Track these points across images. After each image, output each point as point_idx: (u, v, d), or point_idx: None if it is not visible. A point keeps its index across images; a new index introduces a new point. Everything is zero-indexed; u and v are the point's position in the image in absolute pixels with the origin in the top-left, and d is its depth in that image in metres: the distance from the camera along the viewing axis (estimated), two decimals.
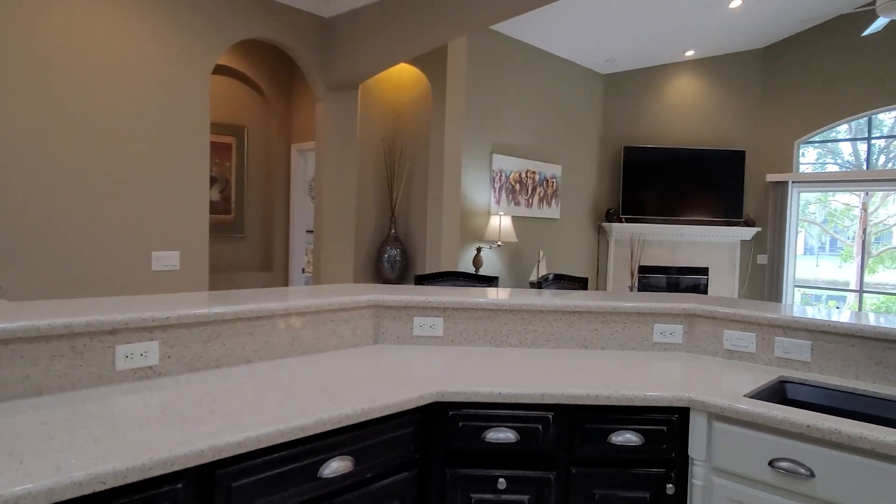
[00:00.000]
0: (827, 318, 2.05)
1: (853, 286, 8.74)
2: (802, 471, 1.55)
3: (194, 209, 3.74)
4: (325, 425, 1.45)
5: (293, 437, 1.38)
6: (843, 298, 8.35)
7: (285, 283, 5.49)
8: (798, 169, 7.11)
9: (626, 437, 1.76)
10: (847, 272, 8.41)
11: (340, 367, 1.94)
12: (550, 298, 2.38)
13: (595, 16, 5.59)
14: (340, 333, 2.20)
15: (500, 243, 5.58)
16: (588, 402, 1.75)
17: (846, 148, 7.26)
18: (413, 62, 4.64)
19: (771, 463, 1.60)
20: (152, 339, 1.71)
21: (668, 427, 1.77)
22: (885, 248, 8.13)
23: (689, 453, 1.77)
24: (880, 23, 4.55)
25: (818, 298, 8.24)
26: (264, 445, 1.33)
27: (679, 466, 1.78)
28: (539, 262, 6.07)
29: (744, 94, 7.25)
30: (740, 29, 6.50)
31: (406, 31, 3.91)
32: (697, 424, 1.75)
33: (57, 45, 3.16)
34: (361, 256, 4.72)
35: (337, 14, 4.39)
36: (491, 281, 3.04)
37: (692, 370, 2.06)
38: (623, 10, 5.54)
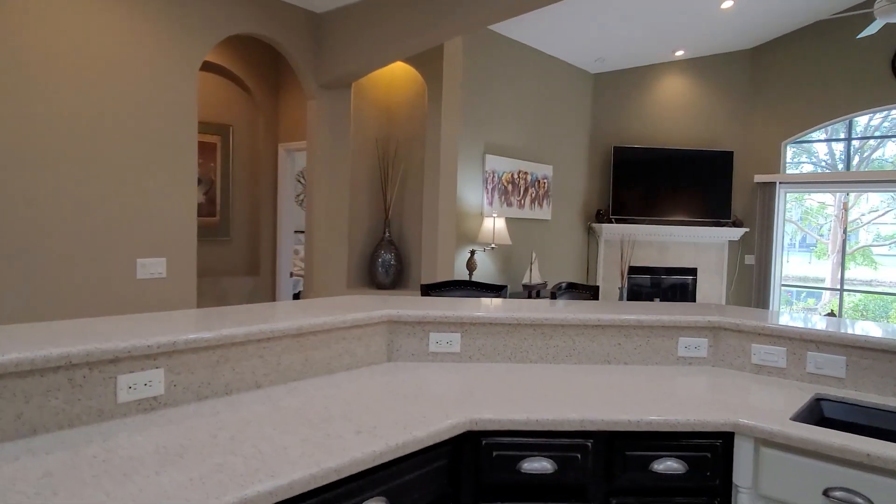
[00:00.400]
0: (863, 334, 1.98)
1: (828, 282, 8.88)
2: (860, 501, 1.46)
3: (181, 213, 3.55)
4: (359, 465, 1.31)
5: (327, 482, 1.25)
6: (819, 295, 8.49)
7: (273, 288, 5.31)
8: (785, 170, 7.15)
9: (669, 465, 1.66)
10: (818, 268, 8.58)
11: (358, 390, 1.80)
12: (572, 312, 2.27)
13: (586, 14, 5.51)
14: (353, 352, 2.06)
15: (493, 246, 5.47)
16: (630, 429, 1.64)
17: (821, 148, 7.33)
18: (408, 60, 4.50)
19: (826, 492, 1.51)
20: (157, 367, 1.56)
21: (711, 453, 1.67)
22: (858, 245, 8.26)
23: (734, 480, 1.68)
24: (876, 25, 4.54)
25: (797, 296, 8.33)
26: (297, 493, 1.19)
27: (723, 495, 1.69)
28: (532, 264, 5.99)
29: (732, 94, 7.25)
30: (730, 29, 6.48)
31: (402, 28, 3.76)
32: (743, 450, 1.66)
33: (34, 41, 2.95)
34: (354, 260, 4.57)
35: (329, 9, 4.22)
36: (499, 290, 2.93)
37: (724, 387, 1.97)
38: (615, 10, 5.47)
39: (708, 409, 1.73)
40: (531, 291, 5.94)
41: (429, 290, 2.85)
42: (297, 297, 7.34)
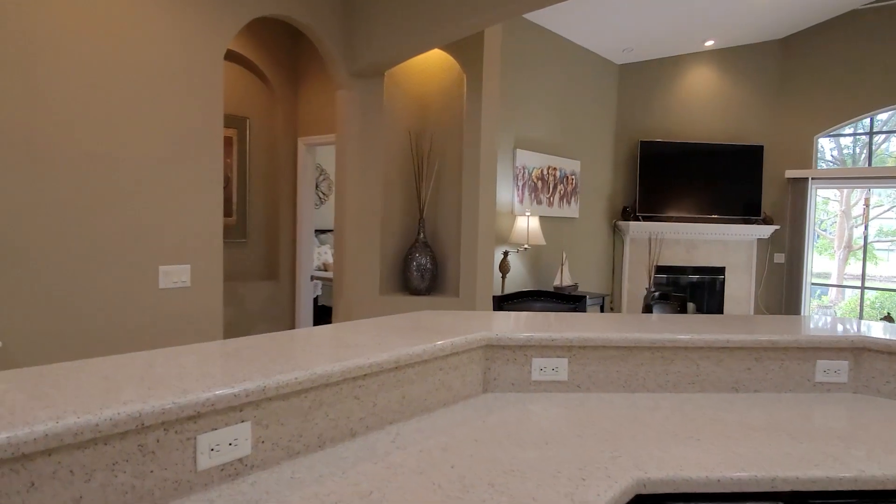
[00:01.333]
0: None
1: (834, 279, 8.71)
2: None
3: (206, 215, 3.18)
4: None
5: None
6: (828, 291, 8.36)
7: (292, 293, 4.94)
8: (817, 165, 6.88)
9: None
10: (825, 264, 8.51)
11: (472, 435, 1.47)
12: (696, 330, 1.95)
13: (618, 1, 5.19)
14: (449, 385, 1.73)
15: (526, 247, 5.15)
16: (830, 488, 1.32)
17: (826, 143, 7.09)
18: (445, 48, 4.14)
19: None
20: (243, 421, 1.21)
21: None
22: (873, 240, 8.09)
23: None
24: None
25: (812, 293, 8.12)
26: None
27: None
28: (563, 265, 5.67)
29: (762, 86, 6.97)
30: (762, 18, 6.19)
31: (441, 14, 3.41)
32: None
33: (44, 27, 2.56)
34: (387, 264, 4.22)
35: None
36: (577, 301, 2.60)
37: (889, 423, 1.66)
38: None
39: None
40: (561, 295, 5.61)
41: (502, 302, 2.52)
42: (316, 303, 6.97)
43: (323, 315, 7.46)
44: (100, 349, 2.80)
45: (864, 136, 6.90)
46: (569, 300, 2.60)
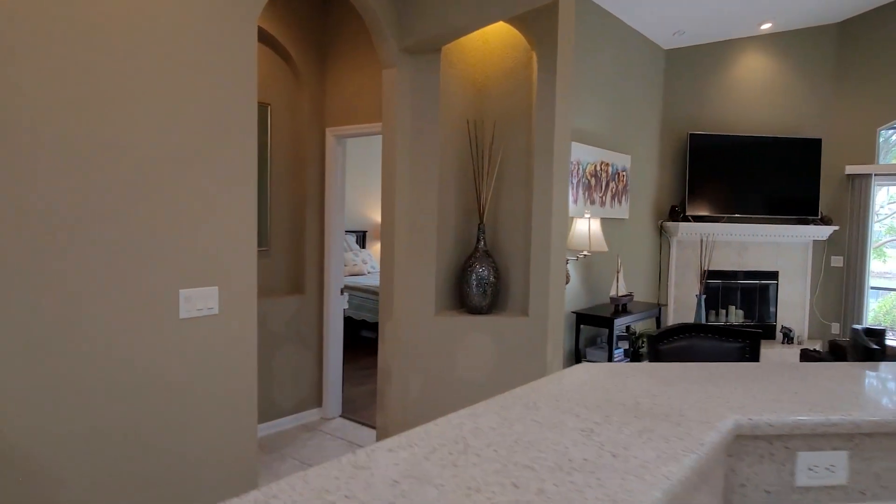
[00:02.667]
0: None
1: None
2: None
3: (237, 223, 2.50)
4: None
5: None
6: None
7: (319, 309, 4.26)
8: (880, 159, 6.33)
9: None
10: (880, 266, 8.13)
11: None
12: None
13: None
14: None
15: (586, 253, 4.52)
16: None
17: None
18: (511, 21, 3.49)
19: None
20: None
21: None
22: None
23: None
24: None
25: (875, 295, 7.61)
26: None
27: None
28: (618, 273, 5.05)
29: (819, 74, 6.39)
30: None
31: None
32: None
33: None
34: (440, 276, 3.57)
35: None
36: (746, 339, 1.97)
37: None
38: None
39: None
40: (618, 306, 5.01)
41: (657, 343, 1.88)
42: (365, 327, 6.17)
43: (352, 331, 6.75)
44: (98, 401, 2.12)
45: None
46: (737, 336, 1.96)
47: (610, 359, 4.64)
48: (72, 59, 1.96)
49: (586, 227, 4.42)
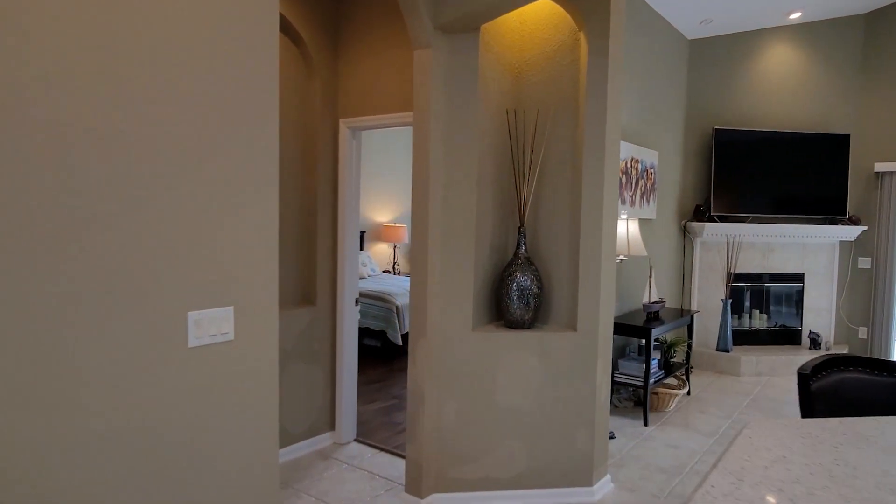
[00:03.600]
0: None
1: None
2: None
3: (256, 230, 2.06)
4: None
5: None
6: None
7: (333, 321, 3.83)
8: None
9: None
10: None
11: None
12: None
13: None
14: None
15: (623, 258, 4.13)
16: None
17: None
18: None
19: None
20: None
21: None
22: None
23: None
24: None
25: None
26: None
27: None
28: (650, 278, 4.68)
29: (846, 67, 6.09)
30: None
31: None
32: None
33: None
34: (475, 287, 3.15)
35: None
36: None
37: None
38: None
39: None
40: (649, 313, 4.64)
41: (809, 380, 1.49)
42: (368, 335, 5.55)
43: (378, 348, 6.22)
44: (84, 457, 1.67)
45: None
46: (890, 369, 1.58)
47: (647, 371, 4.27)
48: (41, 24, 1.51)
49: (624, 229, 4.04)
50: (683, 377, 4.92)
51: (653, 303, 4.62)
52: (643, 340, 4.41)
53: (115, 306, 1.66)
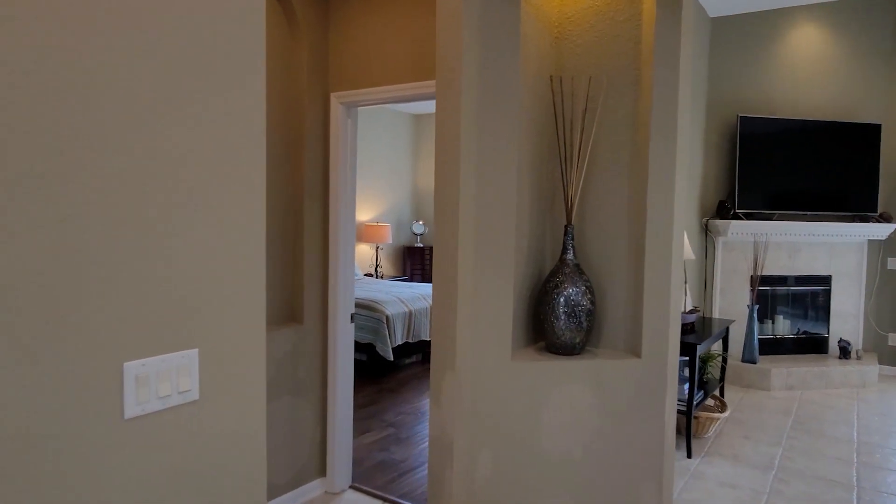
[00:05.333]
0: None
1: None
2: None
3: (236, 234, 1.34)
4: None
5: None
6: None
7: (324, 341, 3.12)
8: None
9: None
10: None
11: None
12: None
13: None
14: None
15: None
16: None
17: None
18: None
19: None
20: None
21: None
22: None
23: None
24: None
25: None
26: None
27: None
28: (685, 284, 4.08)
29: (877, 51, 5.61)
30: None
31: None
32: None
33: None
34: (515, 301, 2.48)
35: None
36: None
37: None
38: None
39: None
40: (685, 325, 4.04)
41: None
42: (369, 353, 4.71)
43: (365, 363, 5.46)
44: None
45: None
46: None
47: (692, 393, 3.67)
48: None
49: None
50: (720, 397, 4.35)
51: (688, 312, 4.02)
52: (684, 357, 3.81)
53: (13, 355, 0.95)
